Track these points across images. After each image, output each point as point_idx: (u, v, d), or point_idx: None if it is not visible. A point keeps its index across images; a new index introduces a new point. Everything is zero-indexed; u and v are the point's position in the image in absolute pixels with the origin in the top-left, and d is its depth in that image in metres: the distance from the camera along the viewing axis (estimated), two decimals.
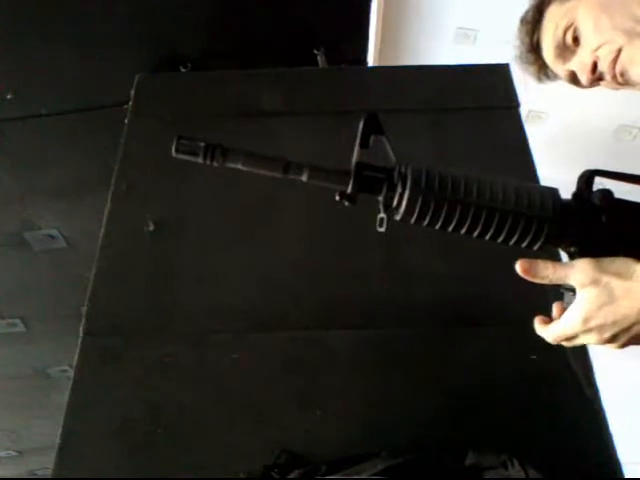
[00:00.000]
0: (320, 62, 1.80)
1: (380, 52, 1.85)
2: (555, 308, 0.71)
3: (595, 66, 0.94)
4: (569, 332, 0.68)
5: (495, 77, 1.58)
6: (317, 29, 1.81)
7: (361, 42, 1.82)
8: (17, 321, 2.44)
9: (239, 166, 0.69)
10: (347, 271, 1.22)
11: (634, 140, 2.11)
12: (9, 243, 2.11)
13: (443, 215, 0.66)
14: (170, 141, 1.47)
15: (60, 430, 1.07)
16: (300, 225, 1.30)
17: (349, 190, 0.68)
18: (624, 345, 0.68)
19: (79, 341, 1.17)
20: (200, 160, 0.66)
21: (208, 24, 1.77)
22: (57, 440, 1.06)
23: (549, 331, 0.70)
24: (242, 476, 0.98)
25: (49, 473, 1.04)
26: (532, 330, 0.72)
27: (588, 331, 0.67)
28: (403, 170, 0.70)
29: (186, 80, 1.74)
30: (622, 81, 0.93)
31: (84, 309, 1.21)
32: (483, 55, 1.71)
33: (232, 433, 1.06)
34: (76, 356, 1.16)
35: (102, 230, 1.32)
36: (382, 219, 0.67)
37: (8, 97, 1.76)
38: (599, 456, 1.02)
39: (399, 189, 0.68)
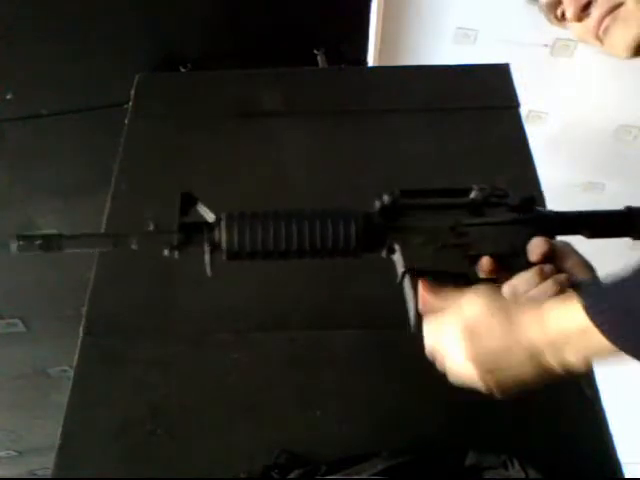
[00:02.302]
0: (320, 62, 1.80)
1: (380, 52, 1.86)
2: None
3: (589, 5, 0.86)
4: (443, 335, 0.70)
5: (495, 77, 1.58)
6: (317, 29, 1.81)
7: (361, 42, 1.83)
8: (17, 321, 2.44)
9: (76, 250, 0.79)
10: (347, 271, 1.22)
11: (634, 140, 2.11)
12: (9, 243, 2.10)
13: (260, 242, 0.74)
14: (170, 141, 1.47)
15: (60, 430, 1.07)
16: None
17: (175, 241, 0.76)
18: (493, 380, 0.70)
19: (79, 341, 1.17)
20: (42, 252, 0.79)
21: (208, 24, 1.77)
22: (57, 440, 1.06)
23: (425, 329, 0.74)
24: (242, 476, 0.98)
25: (49, 473, 1.04)
26: None
27: (462, 340, 0.67)
28: (220, 217, 0.77)
29: (186, 80, 1.74)
30: (601, 36, 0.85)
31: (84, 309, 1.21)
32: (483, 55, 1.71)
33: (232, 433, 1.06)
34: (76, 356, 1.16)
35: (102, 230, 1.32)
36: (209, 261, 0.76)
37: (8, 97, 1.76)
38: (599, 456, 1.02)
39: (217, 229, 0.76)
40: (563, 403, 1.07)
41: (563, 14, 0.91)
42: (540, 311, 0.62)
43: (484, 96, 1.55)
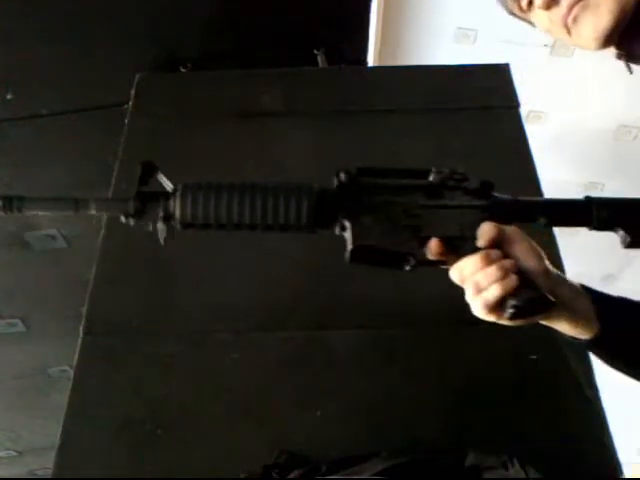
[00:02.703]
0: (320, 62, 1.80)
1: (380, 52, 1.86)
2: None
3: None
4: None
5: (495, 77, 1.58)
6: (317, 29, 1.81)
7: (361, 42, 1.82)
8: (17, 321, 2.44)
9: (37, 212, 0.79)
10: (347, 271, 1.22)
11: (634, 140, 2.11)
12: (9, 243, 2.10)
13: (212, 213, 0.75)
14: (171, 141, 1.47)
15: (60, 430, 1.07)
16: None
17: (131, 208, 0.76)
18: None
19: (79, 341, 1.17)
20: (3, 213, 0.77)
21: (208, 24, 1.77)
22: (57, 440, 1.06)
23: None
24: (242, 476, 0.98)
25: (49, 473, 1.04)
26: (532, 330, 0.72)
27: None
28: (177, 187, 0.78)
29: (186, 80, 1.74)
30: (570, 25, 0.84)
31: (84, 309, 1.22)
32: (483, 55, 1.71)
33: (232, 433, 1.06)
34: (76, 356, 1.16)
35: (102, 230, 1.32)
36: (162, 230, 0.76)
37: (8, 97, 1.76)
38: (599, 456, 1.02)
39: (172, 199, 0.76)
40: (563, 403, 1.07)
41: (530, 3, 0.89)
42: None
43: (484, 96, 1.55)
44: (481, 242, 0.73)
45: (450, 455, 0.94)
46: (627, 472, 0.99)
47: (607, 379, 1.13)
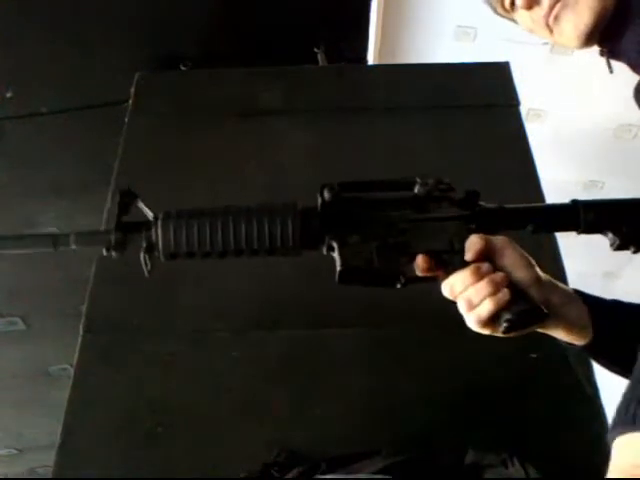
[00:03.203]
0: (320, 60, 1.80)
1: (380, 50, 1.85)
2: None
3: None
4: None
5: (495, 75, 1.58)
6: (317, 27, 1.81)
7: (361, 40, 1.82)
8: (17, 320, 2.44)
9: (14, 251, 0.78)
10: None
11: (634, 139, 2.11)
12: None
13: (196, 242, 0.73)
14: (171, 139, 1.47)
15: (60, 428, 1.07)
16: None
17: (113, 240, 0.75)
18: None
19: (79, 339, 1.17)
20: None
21: (208, 22, 1.77)
22: (57, 438, 1.06)
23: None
24: (242, 474, 0.99)
25: (50, 471, 1.04)
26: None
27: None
28: (158, 216, 0.75)
29: (186, 78, 1.74)
30: (552, 24, 0.85)
31: (84, 308, 1.22)
32: (483, 53, 1.71)
33: (232, 431, 1.06)
34: (76, 354, 1.16)
35: (102, 228, 1.32)
36: (145, 259, 0.74)
37: (8, 95, 1.76)
38: (599, 455, 1.02)
39: (154, 229, 0.74)
40: (563, 402, 1.07)
41: (512, 3, 0.89)
42: None
43: (484, 94, 1.55)
44: (469, 256, 0.72)
45: (450, 453, 0.95)
46: None
47: (607, 378, 1.13)
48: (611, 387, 1.16)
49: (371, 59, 1.87)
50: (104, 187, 1.38)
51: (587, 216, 0.74)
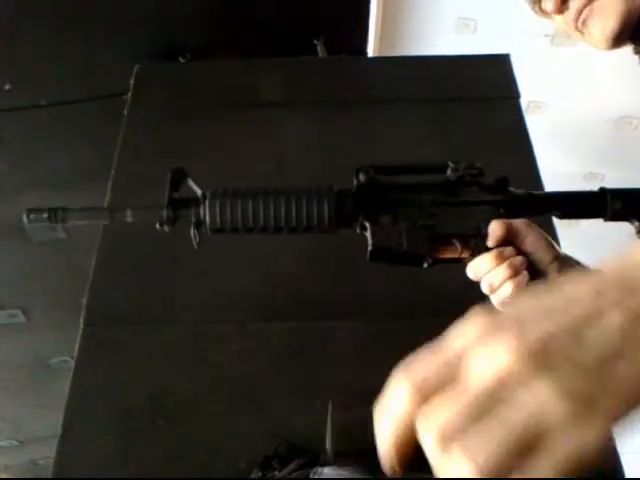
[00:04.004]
0: (320, 52, 1.79)
1: (380, 42, 1.85)
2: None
3: None
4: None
5: (495, 68, 1.58)
6: (316, 18, 1.81)
7: (361, 32, 1.82)
8: (18, 312, 2.44)
9: (77, 222, 0.84)
10: (348, 262, 1.22)
11: (635, 131, 2.11)
12: (9, 233, 2.10)
13: (240, 219, 0.79)
14: (170, 131, 1.47)
15: (61, 420, 1.07)
16: None
17: (164, 216, 0.80)
18: None
19: (79, 331, 1.17)
20: (49, 223, 0.85)
21: (207, 14, 1.76)
22: (58, 430, 1.06)
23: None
24: (242, 466, 0.99)
25: (51, 462, 1.05)
26: None
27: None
28: (205, 194, 0.81)
29: (185, 70, 1.73)
30: (580, 28, 0.87)
31: (84, 300, 1.22)
32: (483, 45, 1.70)
33: (232, 423, 1.06)
34: (76, 346, 1.16)
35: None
36: (194, 233, 0.80)
37: (6, 87, 1.76)
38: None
39: (202, 206, 0.80)
40: None
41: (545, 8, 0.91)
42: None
43: (484, 86, 1.54)
44: (491, 241, 0.75)
45: None
46: (628, 463, 1.00)
47: None
48: None
49: (371, 51, 1.86)
50: (104, 178, 1.38)
51: (614, 204, 0.77)
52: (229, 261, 1.26)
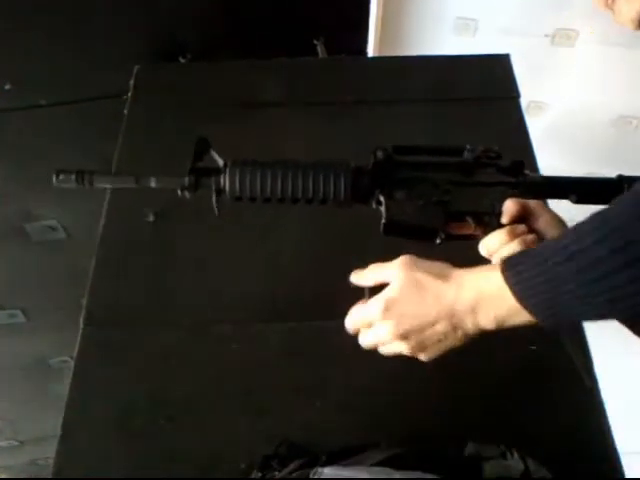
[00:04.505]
0: (320, 52, 1.79)
1: (380, 42, 1.85)
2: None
3: None
4: (368, 317, 0.74)
5: (496, 67, 1.58)
6: (316, 19, 1.80)
7: (361, 32, 1.82)
8: (17, 312, 2.44)
9: (104, 185, 0.88)
10: (347, 262, 1.22)
11: (635, 131, 2.11)
12: (9, 234, 2.10)
13: (258, 189, 0.80)
14: (170, 132, 1.47)
15: (61, 420, 1.07)
16: (302, 215, 1.30)
17: (187, 182, 0.82)
18: (421, 351, 0.73)
19: (79, 332, 1.17)
20: (75, 186, 0.89)
21: (207, 14, 1.76)
22: (58, 430, 1.06)
23: (349, 316, 0.79)
24: (242, 466, 0.99)
25: (51, 463, 1.04)
26: None
27: (386, 319, 0.71)
28: (227, 163, 0.83)
29: (185, 71, 1.73)
30: (610, 5, 0.88)
31: (84, 300, 1.22)
32: (483, 45, 1.71)
33: (232, 423, 1.06)
34: (76, 347, 1.16)
35: (102, 221, 1.32)
36: (215, 201, 0.82)
37: (7, 87, 1.76)
38: (598, 446, 1.02)
39: (223, 175, 0.82)
40: (562, 393, 1.07)
41: None
42: (461, 277, 0.66)
43: (484, 87, 1.54)
44: (505, 218, 0.77)
45: (449, 445, 0.95)
46: (627, 462, 1.00)
47: (607, 369, 1.13)
48: (610, 378, 1.16)
49: (371, 51, 1.86)
50: None
51: None
52: (229, 261, 1.26)
